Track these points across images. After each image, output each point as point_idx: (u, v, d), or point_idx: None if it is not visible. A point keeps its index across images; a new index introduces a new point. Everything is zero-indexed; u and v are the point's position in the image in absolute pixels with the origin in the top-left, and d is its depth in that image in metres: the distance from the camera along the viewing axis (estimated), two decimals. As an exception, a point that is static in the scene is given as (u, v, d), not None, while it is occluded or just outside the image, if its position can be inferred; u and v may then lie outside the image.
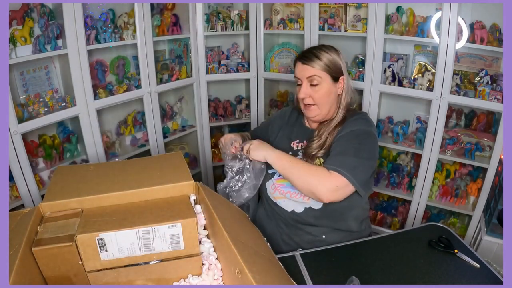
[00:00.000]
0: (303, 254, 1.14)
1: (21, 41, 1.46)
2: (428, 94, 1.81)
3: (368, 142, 1.18)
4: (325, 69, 1.19)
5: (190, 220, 0.85)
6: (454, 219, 2.04)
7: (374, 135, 1.21)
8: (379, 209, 2.25)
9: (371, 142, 1.19)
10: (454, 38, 1.66)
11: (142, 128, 2.12)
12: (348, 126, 1.20)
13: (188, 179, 0.97)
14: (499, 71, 1.75)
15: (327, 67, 1.19)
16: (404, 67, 1.96)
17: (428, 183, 1.95)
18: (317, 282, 1.01)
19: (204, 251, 0.91)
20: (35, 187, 1.56)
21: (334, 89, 1.22)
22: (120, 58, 1.96)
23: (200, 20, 2.09)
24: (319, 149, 1.20)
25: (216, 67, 2.23)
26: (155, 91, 1.99)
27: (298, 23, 2.07)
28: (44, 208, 0.88)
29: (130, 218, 0.85)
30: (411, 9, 1.81)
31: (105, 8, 1.77)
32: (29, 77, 1.62)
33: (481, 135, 1.85)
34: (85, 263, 0.82)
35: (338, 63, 1.20)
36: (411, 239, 1.20)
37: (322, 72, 1.19)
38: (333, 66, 1.19)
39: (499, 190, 1.65)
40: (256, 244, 0.89)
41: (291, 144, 1.31)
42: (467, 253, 1.10)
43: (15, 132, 1.44)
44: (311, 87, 1.20)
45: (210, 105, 2.37)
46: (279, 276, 0.81)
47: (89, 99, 1.69)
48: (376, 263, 1.09)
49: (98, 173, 1.02)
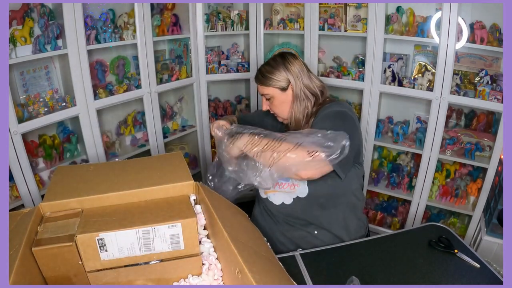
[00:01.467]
0: (303, 254, 1.14)
1: (21, 41, 1.46)
2: (428, 94, 1.81)
3: (344, 122, 1.17)
4: (271, 85, 1.26)
5: (190, 220, 0.85)
6: (454, 219, 2.04)
7: (350, 116, 1.20)
8: (379, 209, 2.25)
9: (347, 122, 1.18)
10: (454, 38, 1.66)
11: (142, 128, 2.12)
12: (320, 112, 1.22)
13: (188, 179, 0.97)
14: (499, 71, 1.75)
15: (273, 82, 1.26)
16: (404, 67, 1.96)
17: (428, 183, 1.95)
18: (317, 282, 1.01)
19: (204, 251, 0.91)
20: (35, 187, 1.56)
21: (286, 97, 1.28)
22: (120, 58, 1.96)
23: (200, 20, 2.09)
24: None
25: (216, 67, 2.23)
26: (155, 91, 1.99)
27: (298, 23, 2.07)
28: (44, 208, 0.88)
29: (130, 218, 0.85)
30: (411, 9, 1.81)
31: (105, 8, 1.77)
32: (29, 77, 1.62)
33: (481, 135, 1.85)
34: (85, 263, 0.82)
35: (283, 75, 1.26)
36: (411, 239, 1.20)
37: (270, 88, 1.27)
38: (278, 80, 1.26)
39: (499, 190, 1.65)
40: (256, 244, 0.89)
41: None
42: (467, 253, 1.10)
43: (15, 132, 1.44)
44: (267, 100, 1.31)
45: (210, 105, 2.37)
46: (279, 276, 0.81)
47: (89, 99, 1.69)
48: (376, 263, 1.09)
49: (98, 173, 1.02)
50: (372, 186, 2.16)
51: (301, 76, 1.28)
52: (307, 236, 1.25)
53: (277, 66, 1.27)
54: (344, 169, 1.15)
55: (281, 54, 1.31)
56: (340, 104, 1.26)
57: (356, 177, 1.25)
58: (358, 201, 1.30)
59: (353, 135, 1.16)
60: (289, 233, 1.27)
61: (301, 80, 1.27)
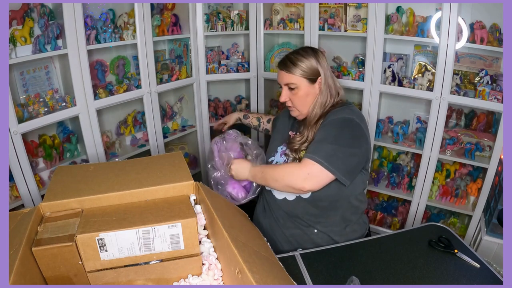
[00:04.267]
0: (303, 254, 1.14)
1: (21, 41, 1.46)
2: (428, 94, 1.81)
3: (350, 130, 1.18)
4: (301, 74, 1.24)
5: (190, 220, 0.85)
6: (454, 219, 2.04)
7: (357, 123, 1.19)
8: (379, 209, 2.25)
9: (354, 130, 1.18)
10: (454, 38, 1.66)
11: (142, 128, 2.12)
12: (329, 117, 1.22)
13: (188, 179, 0.97)
14: (499, 71, 1.75)
15: (303, 71, 1.24)
16: (404, 67, 1.96)
17: (428, 183, 1.95)
18: (317, 282, 1.01)
19: (204, 251, 0.91)
20: (35, 187, 1.56)
21: (313, 90, 1.26)
22: (120, 58, 1.96)
23: (200, 20, 2.09)
24: (300, 144, 1.25)
25: (216, 67, 2.23)
26: (155, 91, 1.99)
27: (298, 23, 2.07)
28: (44, 208, 0.89)
29: (130, 218, 0.85)
30: (411, 9, 1.81)
31: (105, 8, 1.77)
32: (29, 77, 1.62)
33: (481, 135, 1.85)
34: (85, 263, 0.82)
35: (314, 66, 1.24)
36: (411, 239, 1.20)
37: (298, 77, 1.24)
38: (308, 69, 1.24)
39: (499, 190, 1.65)
40: (256, 244, 0.89)
41: (288, 133, 1.38)
42: (467, 253, 1.10)
43: (15, 132, 1.44)
44: (289, 90, 1.27)
45: (210, 105, 2.37)
46: (279, 276, 0.81)
47: (89, 99, 1.69)
48: (376, 263, 1.09)
49: (98, 173, 1.02)
50: (372, 186, 2.16)
51: (329, 72, 1.27)
52: (307, 235, 1.25)
53: (308, 56, 1.24)
54: (350, 177, 1.17)
55: (310, 47, 1.29)
56: (350, 109, 1.24)
57: (361, 182, 1.26)
58: (360, 204, 1.30)
59: (359, 143, 1.18)
60: (289, 231, 1.27)
61: (328, 77, 1.27)
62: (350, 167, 1.15)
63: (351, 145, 1.15)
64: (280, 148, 1.34)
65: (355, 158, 1.17)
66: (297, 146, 1.24)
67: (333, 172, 1.11)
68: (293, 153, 1.25)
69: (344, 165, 1.13)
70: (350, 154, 1.15)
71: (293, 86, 1.25)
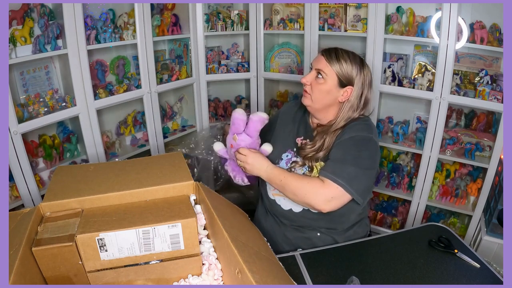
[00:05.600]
0: (303, 254, 1.14)
1: (21, 41, 1.46)
2: (428, 94, 1.81)
3: (369, 150, 1.17)
4: (336, 70, 1.19)
5: (190, 220, 0.85)
6: (454, 219, 2.04)
7: (375, 142, 1.20)
8: (379, 209, 2.25)
9: (372, 150, 1.18)
10: (454, 38, 1.66)
11: (142, 128, 2.12)
12: (348, 132, 1.19)
13: (188, 179, 0.97)
14: (499, 71, 1.75)
15: (340, 70, 1.19)
16: (404, 67, 1.96)
17: (428, 183, 1.95)
18: (317, 282, 1.01)
19: (204, 251, 0.91)
20: (35, 187, 1.56)
21: (336, 93, 1.21)
22: (120, 58, 1.96)
23: (200, 20, 2.09)
24: (314, 152, 1.21)
25: (216, 67, 2.23)
26: (155, 91, 1.99)
27: (298, 23, 2.07)
28: (44, 208, 0.88)
29: (130, 218, 0.85)
30: (411, 9, 1.81)
31: (105, 8, 1.77)
32: (29, 77, 1.62)
33: (481, 135, 1.85)
34: (85, 263, 0.82)
35: (352, 75, 1.20)
36: (411, 239, 1.20)
37: (332, 71, 1.19)
38: (345, 72, 1.19)
39: (499, 190, 1.65)
40: (256, 244, 0.89)
41: (296, 140, 1.31)
42: (467, 253, 1.10)
43: (15, 132, 1.44)
44: (316, 77, 1.22)
45: (210, 105, 2.37)
46: (279, 276, 0.81)
47: (89, 99, 1.69)
48: (376, 263, 1.09)
49: (98, 173, 1.02)
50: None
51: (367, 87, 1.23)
52: (309, 238, 1.25)
53: (353, 63, 1.20)
54: (366, 197, 1.18)
55: (361, 58, 1.25)
56: (368, 126, 1.22)
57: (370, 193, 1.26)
58: (364, 210, 1.31)
59: (375, 162, 1.20)
60: (292, 234, 1.27)
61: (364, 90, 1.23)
62: (367, 188, 1.17)
63: (370, 166, 1.16)
64: (286, 156, 1.28)
65: (373, 178, 1.20)
66: (310, 154, 1.21)
67: (353, 194, 1.11)
68: (306, 161, 1.22)
69: (363, 186, 1.13)
70: (369, 176, 1.16)
71: (323, 75, 1.20)
